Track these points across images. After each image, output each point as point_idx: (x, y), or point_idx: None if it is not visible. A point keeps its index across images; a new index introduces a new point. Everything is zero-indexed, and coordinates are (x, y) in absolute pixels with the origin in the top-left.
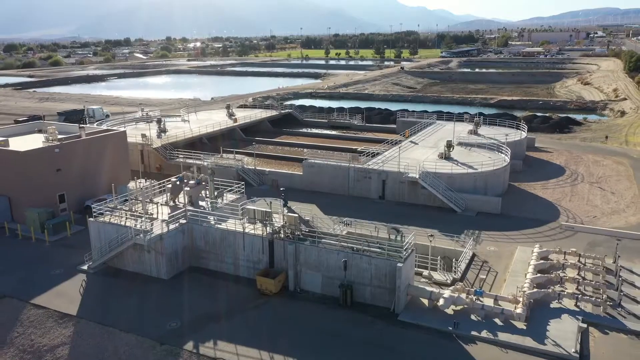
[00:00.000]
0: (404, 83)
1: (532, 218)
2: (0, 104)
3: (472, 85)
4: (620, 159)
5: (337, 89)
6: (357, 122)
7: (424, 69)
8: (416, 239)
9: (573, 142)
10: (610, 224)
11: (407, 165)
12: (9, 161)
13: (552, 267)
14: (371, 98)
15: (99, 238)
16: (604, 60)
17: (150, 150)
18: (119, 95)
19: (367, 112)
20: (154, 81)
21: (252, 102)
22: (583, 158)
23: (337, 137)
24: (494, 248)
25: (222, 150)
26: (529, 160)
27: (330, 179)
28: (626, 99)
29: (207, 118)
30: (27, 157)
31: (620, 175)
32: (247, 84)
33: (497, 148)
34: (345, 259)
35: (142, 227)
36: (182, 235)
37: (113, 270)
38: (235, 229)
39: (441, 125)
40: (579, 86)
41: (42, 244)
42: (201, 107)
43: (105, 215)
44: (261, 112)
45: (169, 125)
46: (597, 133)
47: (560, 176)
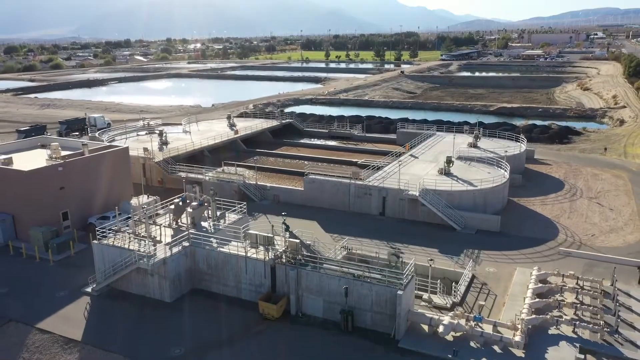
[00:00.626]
0: (404, 88)
1: (531, 237)
2: (2, 111)
3: (471, 90)
4: (619, 172)
5: (338, 94)
6: (357, 132)
7: (424, 73)
8: (416, 258)
9: (572, 154)
10: (609, 242)
11: (407, 182)
12: (13, 180)
13: (550, 291)
14: (371, 105)
15: (102, 260)
16: (604, 63)
17: (152, 164)
18: (120, 101)
19: (367, 121)
20: (155, 86)
21: (252, 109)
22: (582, 171)
23: (338, 148)
24: (493, 269)
25: (223, 163)
26: (529, 173)
27: (331, 195)
28: (625, 107)
29: (208, 129)
30: (31, 177)
31: (619, 190)
32: (247, 88)
33: (497, 163)
34: (346, 285)
35: (145, 250)
36: (185, 258)
37: (117, 293)
38: (237, 253)
39: (441, 137)
40: (578, 92)
41: (46, 264)
42: (202, 114)
43: (109, 237)
44: (262, 122)
45: (170, 136)
46: (596, 144)
47: (559, 191)
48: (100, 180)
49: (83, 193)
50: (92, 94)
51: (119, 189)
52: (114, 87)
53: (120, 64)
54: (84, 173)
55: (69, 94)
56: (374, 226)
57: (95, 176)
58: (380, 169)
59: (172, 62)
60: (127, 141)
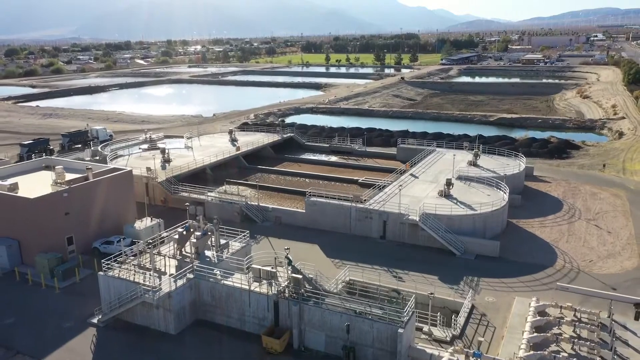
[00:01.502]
0: (405, 94)
1: (530, 263)
2: (4, 121)
3: (472, 97)
4: (617, 190)
5: (338, 102)
6: (357, 147)
7: (424, 79)
8: (417, 287)
9: (571, 170)
10: (606, 269)
11: (408, 205)
12: (19, 207)
13: (548, 324)
14: (372, 114)
15: (108, 292)
16: (604, 69)
17: (155, 184)
18: (121, 111)
19: (367, 134)
20: (156, 92)
21: (253, 120)
22: (580, 190)
23: (339, 164)
24: (493, 299)
25: (225, 182)
26: (528, 191)
27: (332, 218)
28: (624, 118)
29: (210, 144)
30: (37, 204)
31: (617, 211)
32: (248, 94)
33: (496, 184)
34: (348, 322)
35: (150, 282)
36: (189, 291)
37: (122, 324)
38: (241, 286)
39: (441, 154)
40: (578, 99)
41: (52, 292)
42: (203, 124)
43: (114, 269)
44: (263, 136)
45: (172, 153)
46: (595, 159)
47: (558, 211)
48: (104, 204)
49: (87, 217)
50: (93, 101)
51: (123, 212)
52: (115, 94)
53: (121, 68)
54: (88, 198)
55: (70, 101)
56: (375, 250)
57: (99, 200)
58: (381, 189)
59: (173, 66)
60: (129, 158)
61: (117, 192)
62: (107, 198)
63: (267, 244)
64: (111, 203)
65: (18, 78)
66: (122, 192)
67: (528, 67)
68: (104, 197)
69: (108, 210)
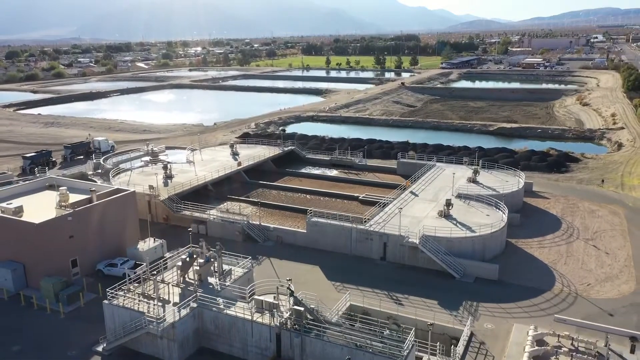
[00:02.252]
0: (405, 101)
1: (528, 286)
2: (6, 130)
3: (472, 103)
4: (615, 207)
5: (338, 110)
6: (358, 160)
7: (424, 84)
8: (416, 312)
9: (570, 185)
10: (604, 293)
11: (408, 227)
12: (24, 231)
13: (546, 354)
14: (372, 123)
15: (113, 320)
16: (603, 73)
17: (157, 202)
18: (123, 119)
19: (367, 146)
20: (156, 98)
21: (254, 129)
22: (579, 206)
23: (339, 179)
24: (491, 325)
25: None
26: (527, 208)
27: (333, 239)
28: (624, 128)
29: (211, 158)
30: (42, 228)
31: (615, 230)
32: (248, 100)
33: (495, 203)
34: (349, 355)
35: (154, 312)
36: (192, 320)
37: (127, 352)
38: (244, 316)
39: (441, 170)
40: (577, 107)
41: (57, 316)
42: (205, 133)
43: (119, 297)
44: (264, 149)
45: (174, 168)
46: (593, 173)
47: (556, 230)
48: (108, 226)
49: (91, 240)
50: (94, 107)
51: (126, 233)
52: (116, 99)
53: (121, 72)
54: (92, 220)
55: (71, 108)
56: (375, 272)
57: (103, 222)
58: (382, 207)
59: (174, 70)
60: (131, 173)
61: (121, 213)
62: (111, 220)
63: (269, 265)
64: (115, 224)
65: (19, 83)
66: (126, 213)
67: (528, 72)
68: (107, 219)
69: (111, 231)
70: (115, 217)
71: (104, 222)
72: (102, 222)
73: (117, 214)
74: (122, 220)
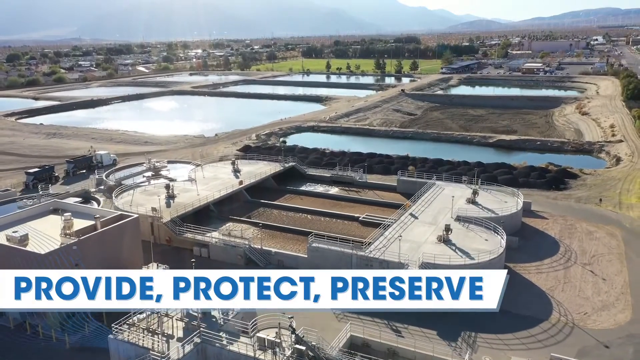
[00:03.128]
0: (405, 109)
1: (526, 315)
2: (9, 141)
3: (471, 110)
4: (612, 228)
5: (339, 119)
6: (358, 177)
7: (424, 91)
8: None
9: (568, 204)
10: (600, 323)
11: (407, 255)
12: (30, 261)
13: None
14: (372, 134)
15: (118, 355)
16: (603, 79)
17: (160, 224)
18: (124, 130)
19: (368, 160)
20: (157, 106)
21: (255, 141)
22: (577, 228)
23: (340, 198)
24: (489, 358)
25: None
26: (525, 229)
27: (334, 264)
28: (622, 141)
29: (213, 175)
30: (47, 259)
31: (612, 254)
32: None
33: (494, 228)
34: None
35: (158, 348)
36: (196, 356)
37: None
38: (246, 353)
39: (440, 189)
40: (577, 116)
41: (63, 346)
42: (206, 145)
43: (124, 331)
44: (265, 166)
45: (177, 187)
46: (592, 190)
47: (554, 254)
48: (112, 253)
49: (95, 267)
50: (96, 115)
51: (130, 259)
52: (117, 107)
53: (122, 76)
54: (97, 248)
55: (73, 116)
56: None
57: (107, 249)
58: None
59: (174, 74)
60: (134, 193)
61: (125, 240)
62: (115, 246)
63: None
64: (119, 250)
65: (20, 89)
66: (129, 239)
67: (528, 77)
68: (111, 246)
69: (115, 258)
70: (119, 243)
71: (108, 249)
72: (107, 249)
73: (121, 241)
74: (126, 247)
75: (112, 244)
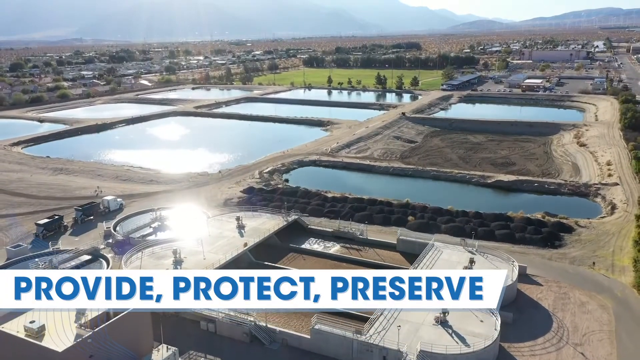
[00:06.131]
0: (405, 135)
1: None
2: (17, 177)
3: (471, 137)
4: (604, 299)
5: (341, 150)
6: (359, 233)
7: (424, 114)
8: None
9: (562, 267)
10: None
11: (406, 344)
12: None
13: None
14: (373, 170)
15: None
16: (602, 99)
17: None
18: (130, 166)
19: (369, 209)
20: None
21: (258, 180)
22: (570, 298)
23: (341, 259)
24: None
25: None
26: (520, 300)
27: (336, 347)
28: (617, 185)
29: (219, 234)
30: (64, 355)
31: (603, 332)
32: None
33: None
34: None
35: None
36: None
37: None
38: None
39: (439, 252)
40: (574, 147)
41: None
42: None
43: None
44: (269, 221)
45: (183, 249)
46: (586, 249)
47: (547, 332)
48: (124, 339)
49: (109, 355)
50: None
51: (140, 342)
52: (122, 131)
53: (125, 91)
54: (110, 338)
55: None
56: None
57: (119, 337)
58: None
59: (177, 88)
60: (142, 257)
61: (136, 325)
62: (127, 332)
63: None
64: (130, 336)
65: (25, 108)
66: (141, 324)
67: (527, 96)
68: (123, 332)
69: (127, 343)
70: (131, 329)
71: (121, 337)
72: (119, 336)
73: (132, 326)
74: (137, 330)
75: (124, 330)
